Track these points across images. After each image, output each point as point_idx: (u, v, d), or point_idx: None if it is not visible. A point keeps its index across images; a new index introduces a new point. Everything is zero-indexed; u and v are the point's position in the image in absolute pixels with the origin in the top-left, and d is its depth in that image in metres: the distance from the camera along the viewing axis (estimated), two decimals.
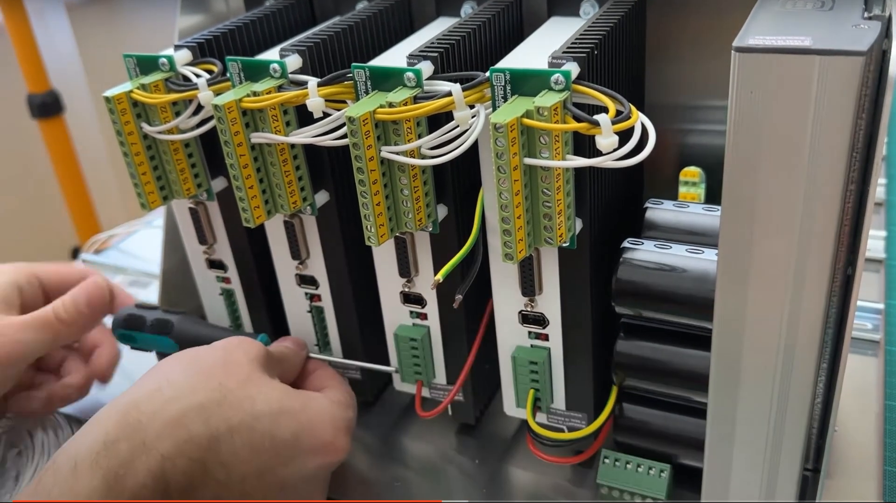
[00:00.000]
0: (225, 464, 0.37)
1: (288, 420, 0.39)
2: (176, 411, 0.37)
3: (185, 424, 0.36)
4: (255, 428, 0.38)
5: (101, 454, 0.35)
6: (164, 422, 0.36)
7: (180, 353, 0.42)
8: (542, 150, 0.33)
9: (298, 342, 0.49)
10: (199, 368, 0.40)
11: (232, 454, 0.37)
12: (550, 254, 0.39)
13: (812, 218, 0.30)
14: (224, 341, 0.43)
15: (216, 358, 0.41)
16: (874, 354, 0.53)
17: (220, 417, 0.37)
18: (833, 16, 0.31)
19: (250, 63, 0.40)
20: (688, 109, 0.48)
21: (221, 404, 0.38)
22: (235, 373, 0.40)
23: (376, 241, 0.38)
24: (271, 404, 0.39)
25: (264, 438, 0.38)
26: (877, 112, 0.29)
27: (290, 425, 0.39)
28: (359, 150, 0.36)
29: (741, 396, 0.35)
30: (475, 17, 0.42)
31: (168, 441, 0.36)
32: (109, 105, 0.43)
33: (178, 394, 0.38)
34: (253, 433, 0.38)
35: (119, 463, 0.34)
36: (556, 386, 0.44)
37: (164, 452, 0.35)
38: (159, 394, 0.37)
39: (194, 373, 0.39)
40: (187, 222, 0.50)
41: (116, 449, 0.35)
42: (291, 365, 0.47)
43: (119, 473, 0.34)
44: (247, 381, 0.40)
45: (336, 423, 0.42)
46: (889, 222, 0.67)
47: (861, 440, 0.46)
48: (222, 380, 0.39)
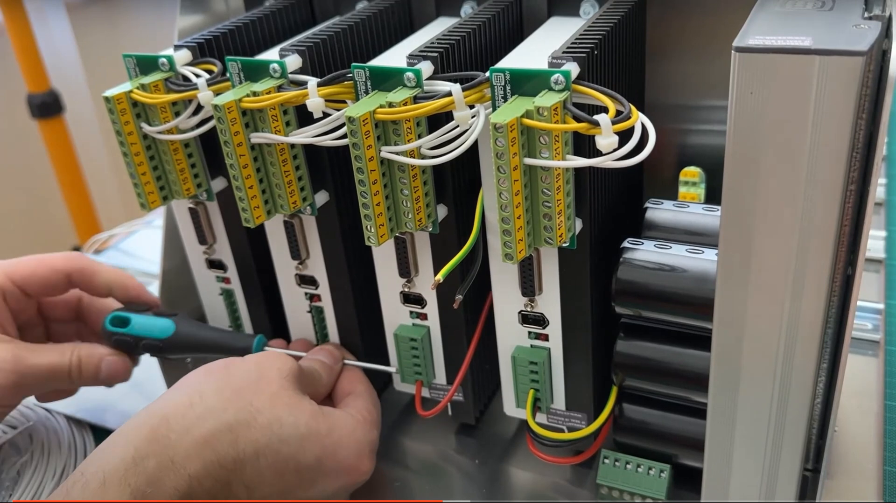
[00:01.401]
0: (248, 486, 0.37)
1: (313, 444, 0.39)
2: (206, 431, 0.37)
3: (213, 445, 0.36)
4: (280, 451, 0.38)
5: (129, 471, 0.35)
6: (193, 441, 0.36)
7: (212, 365, 0.41)
8: (542, 150, 0.33)
9: (334, 354, 0.48)
10: (231, 384, 0.40)
11: (256, 476, 0.37)
12: (550, 255, 0.39)
13: (812, 218, 0.30)
14: (258, 355, 0.43)
15: (248, 374, 0.40)
16: (874, 354, 0.53)
17: (248, 439, 0.37)
18: (833, 16, 0.31)
19: (250, 63, 0.40)
20: (688, 109, 0.48)
21: (250, 426, 0.38)
22: (266, 392, 0.40)
23: (376, 242, 0.38)
24: (299, 427, 0.39)
25: (289, 462, 0.38)
26: (877, 112, 0.29)
27: (315, 449, 0.39)
28: (359, 150, 0.36)
29: (741, 396, 0.35)
30: (475, 17, 0.42)
31: (197, 461, 0.36)
32: (109, 105, 0.43)
33: (209, 411, 0.37)
34: (278, 456, 0.38)
35: (147, 480, 0.34)
36: (556, 386, 0.44)
37: (192, 472, 0.35)
38: (191, 411, 0.37)
39: (225, 390, 0.39)
40: (187, 222, 0.50)
41: (145, 466, 0.35)
42: (322, 384, 0.46)
43: (147, 492, 0.34)
44: (276, 401, 0.39)
45: (360, 447, 0.41)
46: (889, 222, 0.67)
47: (861, 440, 0.46)
48: (252, 398, 0.39)
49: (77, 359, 0.48)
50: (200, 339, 0.50)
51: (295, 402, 0.40)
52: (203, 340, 0.50)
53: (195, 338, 0.50)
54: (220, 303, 0.54)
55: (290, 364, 0.42)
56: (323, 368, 0.46)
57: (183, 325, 0.50)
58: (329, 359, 0.47)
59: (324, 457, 0.39)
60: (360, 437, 0.42)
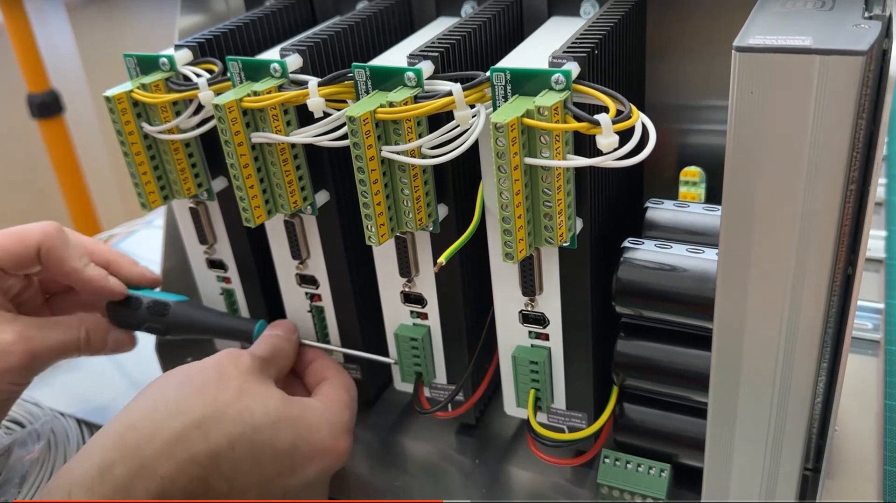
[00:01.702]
0: (228, 478, 0.37)
1: (287, 429, 0.39)
2: (175, 431, 0.37)
3: (184, 443, 0.36)
4: (255, 439, 0.38)
5: (96, 481, 0.34)
6: (163, 443, 0.36)
7: (170, 373, 0.42)
8: (543, 150, 0.33)
9: (287, 326, 0.49)
10: (193, 385, 0.40)
11: (233, 467, 0.37)
12: (551, 254, 0.39)
13: (812, 218, 0.30)
14: (213, 357, 0.43)
15: (207, 374, 0.41)
16: (874, 354, 0.53)
17: (220, 432, 0.37)
18: (833, 16, 0.31)
19: (251, 63, 0.40)
20: (688, 109, 0.48)
21: (220, 419, 0.38)
22: (229, 387, 0.40)
23: (377, 241, 0.38)
24: (270, 414, 0.39)
25: (265, 448, 0.38)
26: (877, 112, 0.29)
27: (289, 434, 0.39)
28: (359, 150, 0.36)
29: (741, 396, 0.35)
30: (475, 16, 0.42)
31: (168, 462, 0.36)
32: (109, 105, 0.43)
33: (175, 412, 0.38)
34: (253, 444, 0.38)
35: (114, 489, 0.34)
36: (557, 385, 0.44)
37: (164, 474, 0.35)
38: (156, 414, 0.37)
39: (188, 391, 0.39)
40: (187, 222, 0.50)
41: (112, 474, 0.35)
42: (284, 357, 0.47)
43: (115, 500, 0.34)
44: (242, 393, 0.40)
45: (334, 427, 0.42)
46: (889, 222, 0.67)
47: (861, 440, 0.46)
48: (217, 394, 0.39)
49: (85, 333, 0.48)
50: (203, 321, 0.50)
51: (261, 391, 0.40)
52: (206, 322, 0.50)
53: (198, 319, 0.50)
54: (220, 303, 0.54)
55: (245, 358, 0.42)
56: (281, 339, 0.47)
57: (187, 305, 0.51)
58: (284, 332, 0.48)
59: (299, 441, 0.40)
60: (333, 418, 0.42)
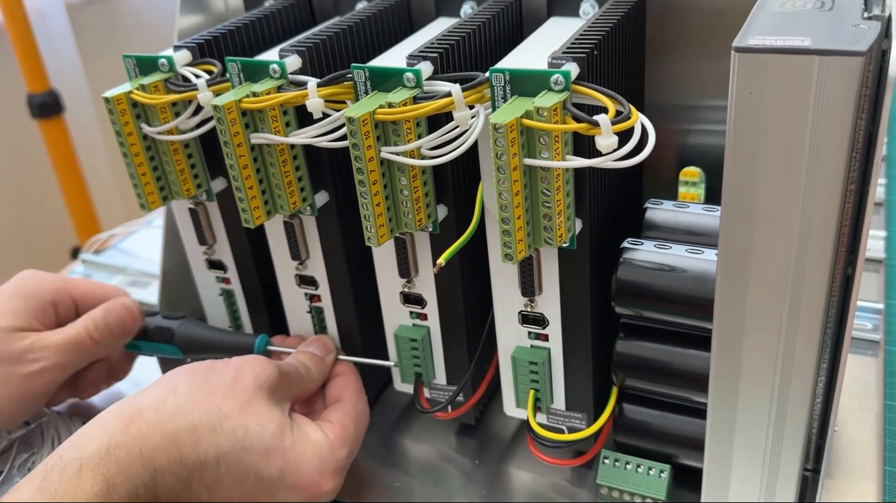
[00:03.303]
0: (209, 488, 0.37)
1: (276, 457, 0.39)
2: (173, 428, 0.37)
3: (178, 442, 0.37)
4: (242, 460, 0.38)
5: (104, 459, 0.35)
6: (161, 436, 0.37)
7: (196, 365, 0.42)
8: (542, 151, 0.33)
9: (326, 345, 0.48)
10: (206, 385, 0.40)
11: (216, 480, 0.38)
12: (550, 255, 0.39)
13: (812, 218, 0.30)
14: (240, 359, 0.42)
15: (224, 378, 0.41)
16: (874, 354, 0.53)
17: (211, 443, 0.37)
18: (833, 16, 0.31)
19: (250, 63, 0.40)
20: (688, 109, 0.48)
21: (215, 430, 0.38)
22: (237, 397, 0.40)
23: (376, 242, 0.38)
24: (264, 439, 0.39)
25: (250, 471, 0.38)
26: (877, 112, 0.29)
27: (277, 462, 0.39)
28: (358, 151, 0.36)
29: (741, 396, 0.35)
30: (475, 17, 0.42)
31: (163, 455, 0.36)
32: (109, 105, 0.43)
33: (178, 409, 0.38)
34: (239, 465, 0.38)
35: (118, 469, 0.35)
36: (556, 386, 0.44)
37: (157, 466, 0.36)
38: (162, 407, 0.38)
39: (198, 390, 0.39)
40: (187, 222, 0.50)
41: (117, 455, 0.36)
42: (310, 380, 0.45)
43: (118, 480, 0.35)
44: (245, 408, 0.39)
45: (324, 465, 0.41)
46: (889, 222, 0.67)
47: (861, 440, 0.46)
48: (222, 403, 0.39)
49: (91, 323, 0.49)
50: (203, 341, 0.51)
51: (264, 412, 0.40)
52: (204, 343, 0.51)
53: (198, 341, 0.51)
54: (220, 304, 0.54)
55: (269, 371, 0.42)
56: (313, 361, 0.46)
57: (186, 328, 0.51)
58: (321, 351, 0.47)
59: (286, 471, 0.39)
60: (326, 456, 0.41)
